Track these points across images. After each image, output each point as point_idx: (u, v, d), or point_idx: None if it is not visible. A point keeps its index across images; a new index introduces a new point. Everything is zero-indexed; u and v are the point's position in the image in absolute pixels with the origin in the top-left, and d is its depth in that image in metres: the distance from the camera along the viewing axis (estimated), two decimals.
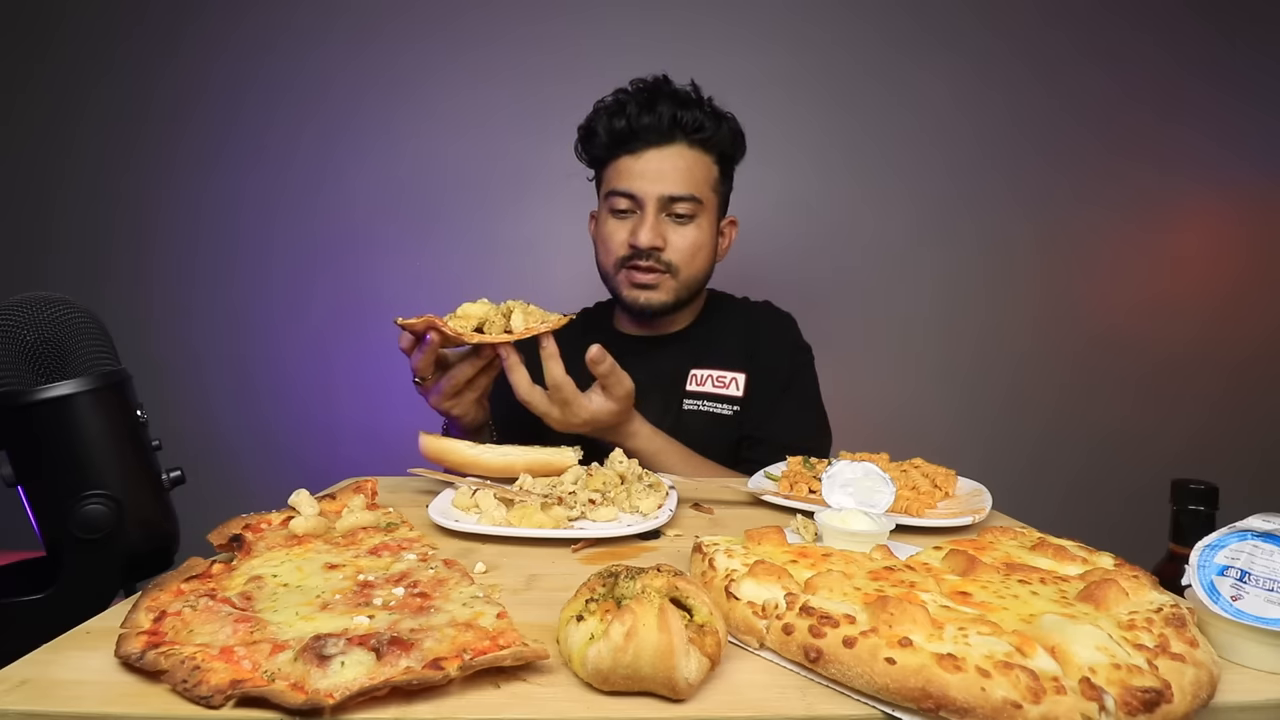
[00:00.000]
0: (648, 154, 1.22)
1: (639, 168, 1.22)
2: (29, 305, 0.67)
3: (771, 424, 1.24)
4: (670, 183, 1.21)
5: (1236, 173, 2.04)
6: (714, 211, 1.28)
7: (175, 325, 2.01)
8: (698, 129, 1.21)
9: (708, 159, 1.25)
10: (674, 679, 0.39)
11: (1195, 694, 0.39)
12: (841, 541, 0.62)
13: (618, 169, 1.24)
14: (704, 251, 1.26)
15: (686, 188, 1.21)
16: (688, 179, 1.22)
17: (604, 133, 1.24)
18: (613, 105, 1.24)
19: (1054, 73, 1.99)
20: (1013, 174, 2.01)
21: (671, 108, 1.20)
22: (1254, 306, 2.05)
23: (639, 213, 1.22)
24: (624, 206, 1.24)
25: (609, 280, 1.30)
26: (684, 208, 1.22)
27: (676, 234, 1.23)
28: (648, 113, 1.20)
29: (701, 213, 1.24)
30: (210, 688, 0.39)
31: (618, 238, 1.24)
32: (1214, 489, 0.73)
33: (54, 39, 1.98)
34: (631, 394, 1.01)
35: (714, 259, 1.32)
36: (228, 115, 1.99)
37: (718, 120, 1.24)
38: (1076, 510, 1.94)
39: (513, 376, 0.95)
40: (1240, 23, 2.00)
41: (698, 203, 1.23)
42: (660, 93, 1.22)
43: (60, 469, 0.66)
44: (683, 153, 1.22)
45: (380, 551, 0.62)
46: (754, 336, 1.34)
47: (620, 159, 1.24)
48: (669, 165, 1.21)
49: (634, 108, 1.21)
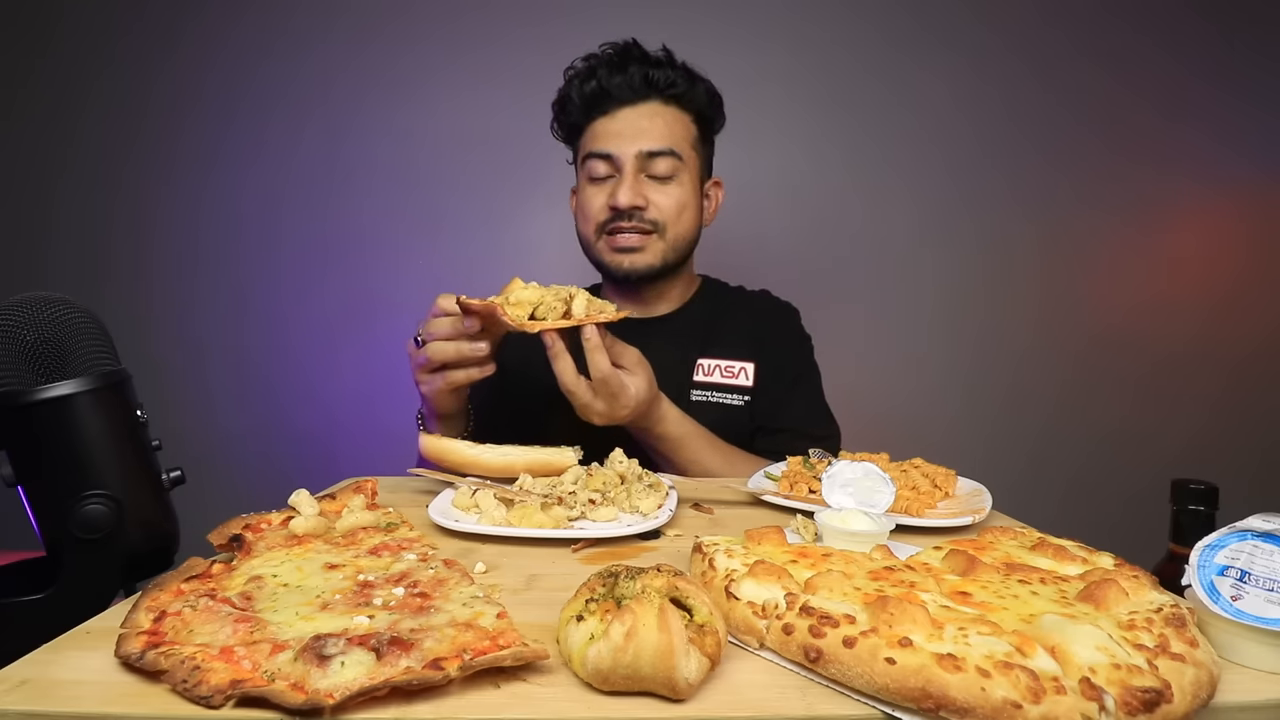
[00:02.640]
0: (622, 113, 1.19)
1: (614, 127, 1.18)
2: (29, 305, 0.67)
3: (787, 413, 1.22)
4: (647, 138, 1.17)
5: (1236, 171, 2.04)
6: (696, 171, 1.24)
7: (175, 325, 2.02)
8: (670, 85, 1.19)
9: (685, 116, 1.22)
10: (674, 679, 0.39)
11: (1195, 694, 0.39)
12: (841, 541, 0.62)
13: (593, 132, 1.21)
14: (689, 210, 1.22)
15: (664, 142, 1.17)
16: (665, 134, 1.18)
17: (576, 98, 1.21)
18: (583, 70, 1.21)
19: (1053, 71, 2.00)
20: (1013, 173, 2.01)
21: (643, 67, 1.18)
22: (1254, 305, 2.05)
23: (617, 175, 1.18)
24: (602, 172, 1.20)
25: (590, 250, 1.26)
26: (664, 165, 1.18)
27: (659, 192, 1.19)
28: (619, 73, 1.18)
29: (683, 170, 1.20)
30: (210, 688, 0.39)
31: (596, 202, 1.20)
32: (1214, 489, 0.73)
33: (53, 34, 1.98)
34: (647, 364, 0.98)
35: (700, 221, 1.27)
36: (227, 114, 1.99)
37: (691, 78, 1.21)
38: (1076, 510, 1.94)
39: (558, 364, 0.91)
40: (1240, 22, 2.00)
41: (677, 159, 1.19)
42: (630, 55, 1.19)
43: (60, 469, 0.66)
44: (658, 109, 1.19)
45: (380, 551, 0.61)
46: (760, 326, 1.31)
47: (595, 122, 1.21)
48: (645, 121, 1.18)
49: (604, 70, 1.18)
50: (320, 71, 1.98)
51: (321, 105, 1.99)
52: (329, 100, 1.99)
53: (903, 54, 1.98)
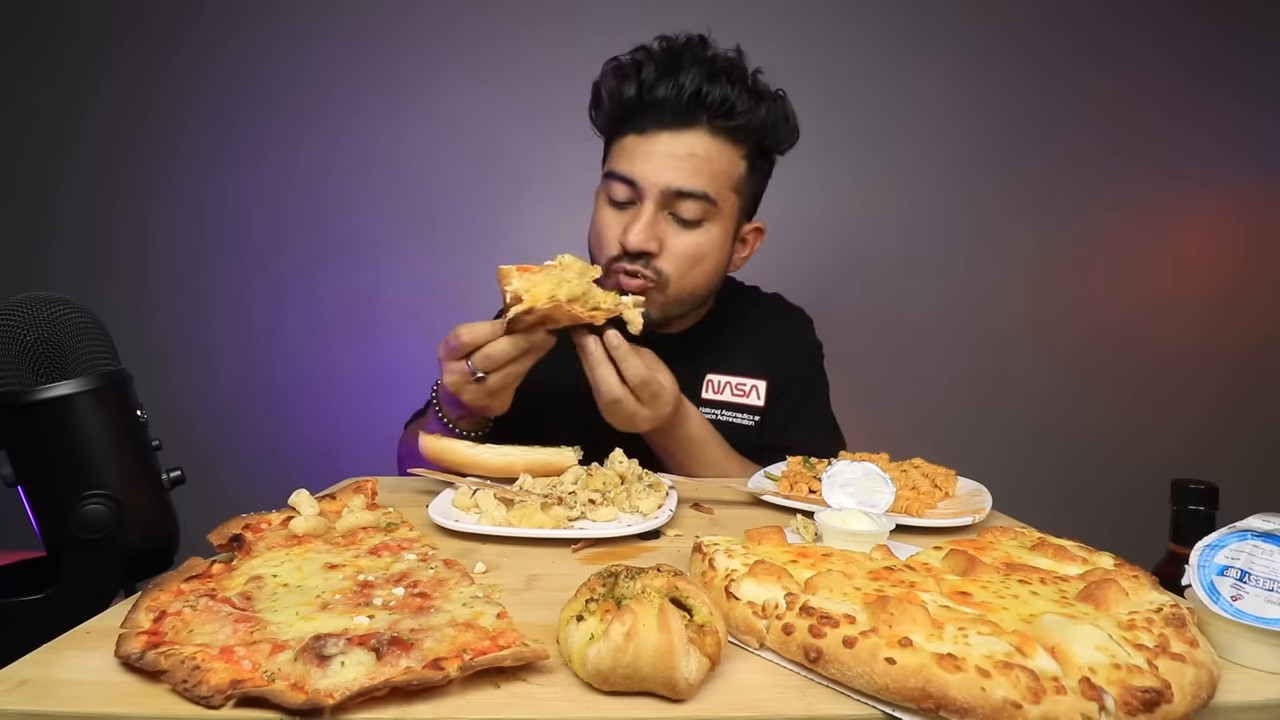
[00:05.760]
0: (660, 136, 0.99)
1: (644, 149, 1.00)
2: (29, 305, 0.67)
3: (795, 430, 1.15)
4: (678, 173, 0.99)
5: (1236, 171, 2.04)
6: (732, 216, 1.07)
7: (175, 325, 2.02)
8: (726, 112, 0.98)
9: (734, 152, 1.02)
10: (674, 679, 0.39)
11: (1195, 694, 0.39)
12: (841, 541, 0.62)
13: (622, 147, 1.04)
14: (708, 262, 1.05)
15: (697, 182, 0.99)
16: (701, 172, 0.99)
17: (609, 99, 1.03)
18: (626, 65, 1.02)
19: (1053, 71, 2.00)
20: (1012, 173, 2.02)
21: (697, 79, 0.97)
22: (1254, 305, 2.05)
23: (637, 204, 1.02)
24: (622, 196, 1.03)
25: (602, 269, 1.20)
26: (691, 208, 1.00)
27: (676, 238, 1.02)
28: (665, 81, 0.97)
29: (714, 217, 1.03)
30: (210, 688, 0.39)
31: (610, 233, 1.04)
32: (1214, 489, 0.73)
33: (53, 36, 1.98)
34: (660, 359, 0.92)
35: (722, 271, 1.11)
36: (228, 115, 1.99)
37: (756, 101, 1.00)
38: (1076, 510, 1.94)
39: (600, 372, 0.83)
40: (1240, 21, 2.00)
41: (710, 203, 1.01)
42: (687, 55, 0.99)
43: (60, 469, 0.66)
44: (702, 140, 0.99)
45: (380, 551, 0.61)
46: (772, 339, 1.22)
47: (626, 136, 1.03)
48: (683, 151, 0.99)
49: (651, 71, 0.98)
50: (321, 74, 1.98)
51: (322, 106, 1.99)
52: (329, 103, 1.99)
53: (903, 54, 1.98)
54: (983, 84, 2.00)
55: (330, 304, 2.02)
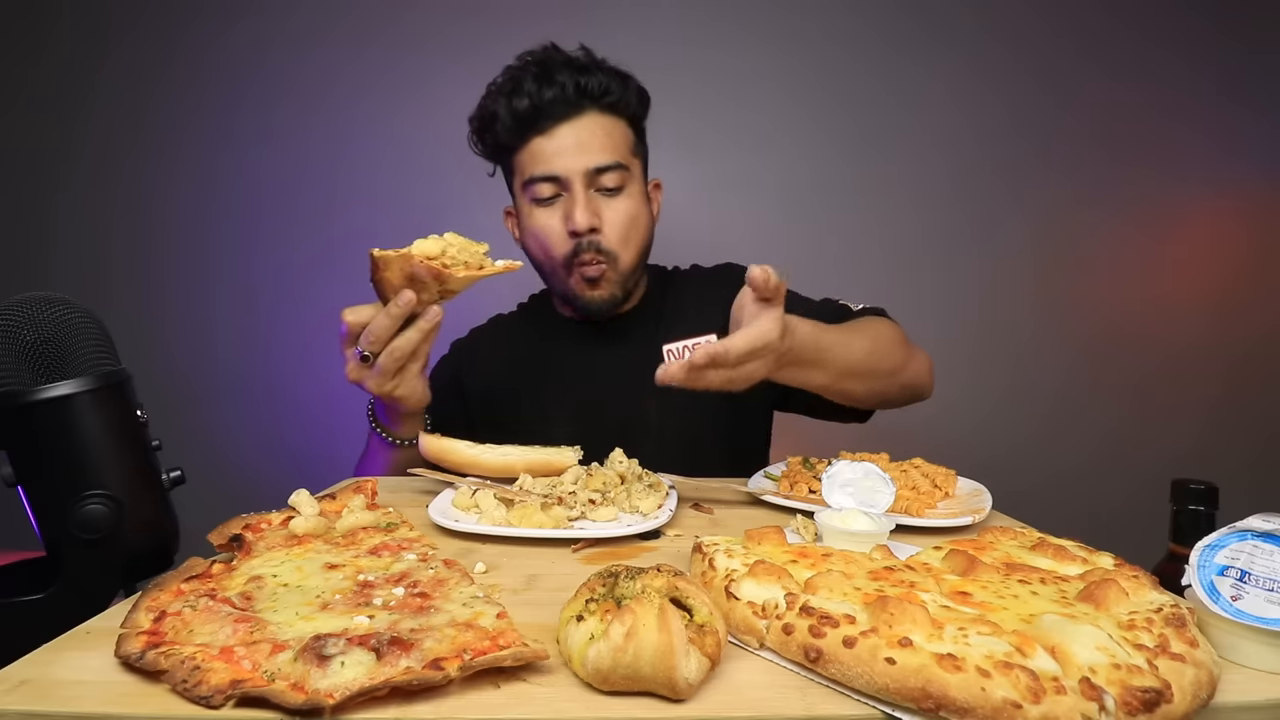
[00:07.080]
0: (560, 130, 1.11)
1: (554, 146, 1.11)
2: (29, 305, 0.67)
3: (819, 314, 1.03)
4: (593, 154, 1.11)
5: (1236, 172, 2.04)
6: (640, 178, 1.20)
7: (175, 325, 2.01)
8: (605, 93, 1.12)
9: (621, 123, 1.16)
10: (674, 679, 0.39)
11: (1195, 694, 0.39)
12: (841, 541, 0.62)
13: (530, 153, 1.13)
14: (640, 222, 1.18)
15: (611, 155, 1.12)
16: (609, 146, 1.12)
17: (506, 115, 1.12)
18: (508, 84, 1.13)
19: (1053, 71, 1.99)
20: (1012, 173, 2.01)
21: (572, 75, 1.10)
22: (1254, 305, 2.05)
23: (566, 194, 1.13)
24: (547, 194, 1.13)
25: (554, 278, 1.20)
26: (612, 179, 1.12)
27: (609, 209, 1.13)
28: (548, 85, 1.10)
29: (630, 181, 1.16)
30: (210, 688, 0.39)
31: (555, 230, 1.14)
32: (1214, 489, 0.73)
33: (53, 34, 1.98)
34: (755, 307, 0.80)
35: (651, 230, 1.22)
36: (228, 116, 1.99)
37: (623, 80, 1.15)
38: (1076, 510, 1.94)
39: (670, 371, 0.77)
40: (1240, 21, 2.00)
41: (625, 170, 1.14)
42: (554, 62, 1.12)
43: (60, 469, 0.66)
44: (597, 120, 1.12)
45: (380, 551, 0.62)
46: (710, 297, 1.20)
47: (530, 142, 1.13)
48: (586, 135, 1.11)
49: (532, 83, 1.10)
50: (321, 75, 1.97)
51: (322, 109, 1.99)
52: (330, 104, 1.98)
53: (902, 54, 1.98)
54: (983, 84, 1.99)
55: (331, 303, 1.99)
